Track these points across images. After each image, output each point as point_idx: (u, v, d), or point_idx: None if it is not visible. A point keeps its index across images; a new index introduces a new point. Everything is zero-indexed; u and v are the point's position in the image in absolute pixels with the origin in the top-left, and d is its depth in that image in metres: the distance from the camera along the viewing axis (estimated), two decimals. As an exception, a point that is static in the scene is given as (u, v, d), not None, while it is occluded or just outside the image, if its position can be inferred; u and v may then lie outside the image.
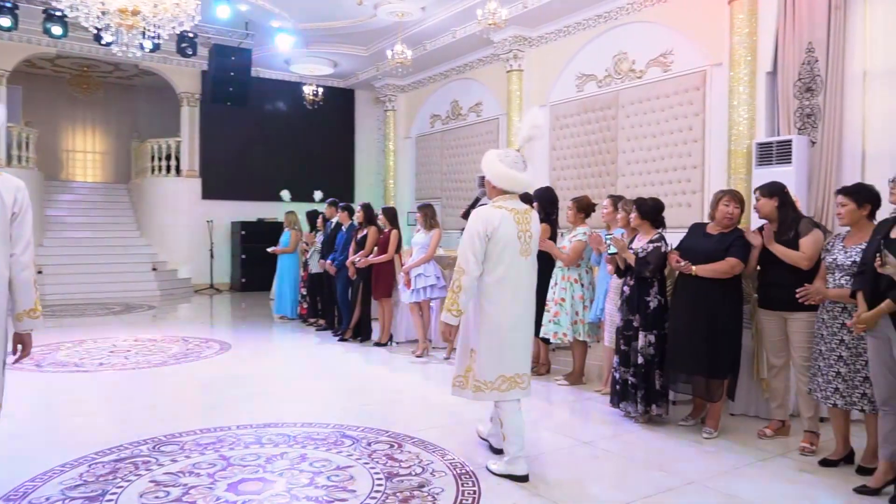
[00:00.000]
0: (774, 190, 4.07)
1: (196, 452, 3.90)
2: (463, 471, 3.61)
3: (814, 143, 7.31)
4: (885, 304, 3.08)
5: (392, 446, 4.01)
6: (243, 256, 13.37)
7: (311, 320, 8.98)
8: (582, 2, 9.65)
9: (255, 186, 13.82)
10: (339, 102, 14.83)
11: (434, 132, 13.63)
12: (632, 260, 4.39)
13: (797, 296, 3.69)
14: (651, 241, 4.41)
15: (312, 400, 5.25)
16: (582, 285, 5.43)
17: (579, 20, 10.11)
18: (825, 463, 3.68)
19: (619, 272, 4.62)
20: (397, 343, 7.57)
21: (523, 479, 3.47)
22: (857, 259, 3.44)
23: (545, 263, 5.83)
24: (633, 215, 4.56)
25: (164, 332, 8.47)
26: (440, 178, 13.45)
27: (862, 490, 3.28)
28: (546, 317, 5.56)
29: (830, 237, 3.87)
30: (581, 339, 5.44)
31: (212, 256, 13.52)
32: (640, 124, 9.34)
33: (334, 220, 8.36)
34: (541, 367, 5.99)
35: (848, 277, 3.52)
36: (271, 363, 6.90)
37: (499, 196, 3.62)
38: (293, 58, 13.14)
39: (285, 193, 11.47)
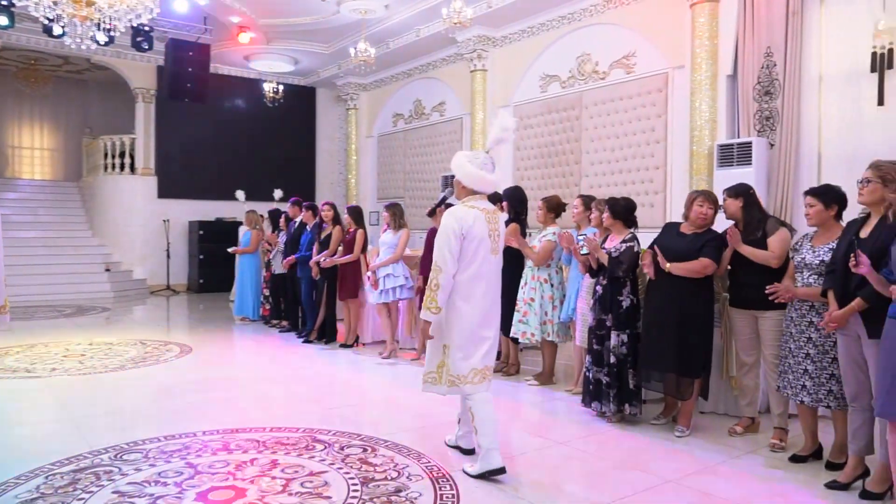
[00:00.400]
0: (740, 191, 4.14)
1: (161, 460, 3.75)
2: (439, 474, 3.56)
3: (772, 145, 7.48)
4: (856, 302, 3.14)
5: (365, 450, 3.93)
6: (201, 257, 13.06)
7: (274, 322, 8.81)
8: (546, 3, 9.70)
9: (213, 185, 13.50)
10: (300, 100, 14.61)
11: (397, 131, 13.54)
12: (605, 260, 4.41)
13: (767, 294, 3.74)
14: (624, 241, 4.43)
15: (280, 404, 5.13)
16: (552, 285, 5.44)
17: (543, 21, 10.16)
18: (795, 459, 3.75)
19: (592, 272, 4.63)
20: (363, 344, 7.48)
21: (500, 471, 3.47)
22: (826, 258, 3.51)
23: (515, 262, 5.85)
24: (605, 215, 4.58)
25: (121, 335, 8.19)
26: (403, 177, 13.36)
27: (833, 485, 3.35)
28: (516, 316, 5.55)
29: (798, 237, 3.94)
30: (550, 339, 5.45)
31: (168, 257, 13.17)
32: (604, 125, 9.43)
33: (298, 219, 8.21)
34: (510, 367, 5.98)
35: (816, 276, 3.59)
36: (235, 366, 6.74)
37: (468, 196, 3.71)
38: (253, 54, 12.90)
39: (240, 194, 11.28)
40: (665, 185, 8.72)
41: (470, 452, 3.82)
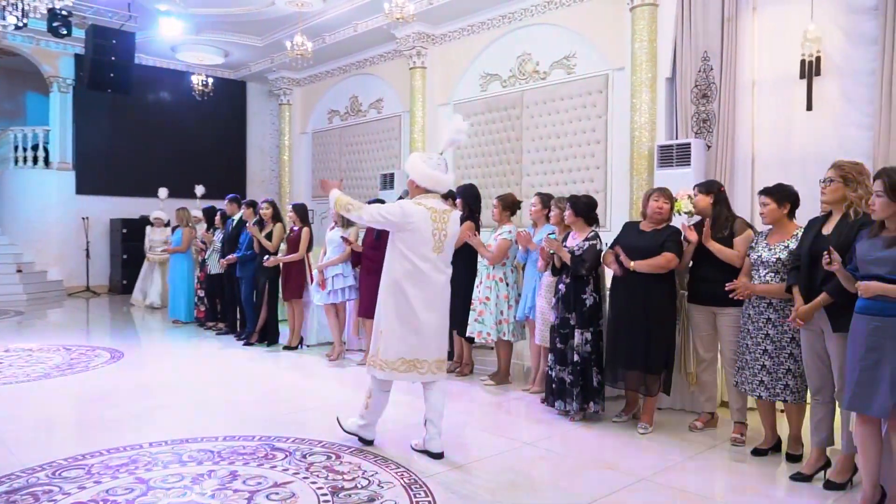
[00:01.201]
0: (711, 187, 4.23)
1: (107, 476, 3.48)
2: (411, 479, 3.45)
3: (709, 146, 7.71)
4: (822, 297, 3.24)
5: (329, 457, 3.77)
6: (125, 256, 12.38)
7: (210, 324, 8.43)
8: (486, 2, 9.70)
9: (137, 181, 12.82)
10: (230, 95, 14.09)
11: (332, 128, 13.25)
12: (567, 258, 4.39)
13: (726, 291, 3.82)
14: (587, 240, 4.44)
15: (229, 410, 4.87)
16: (507, 284, 5.40)
17: (483, 20, 10.16)
18: (756, 452, 3.85)
19: (555, 270, 4.61)
20: (307, 346, 7.24)
21: (370, 443, 3.96)
22: (782, 256, 3.61)
23: (470, 261, 5.78)
24: (567, 213, 4.57)
25: (41, 340, 7.62)
26: (339, 174, 13.08)
27: (797, 477, 3.45)
28: (471, 316, 5.49)
29: (755, 236, 4.04)
30: (506, 338, 5.40)
31: (87, 256, 12.41)
32: (545, 125, 9.51)
33: (236, 217, 7.87)
34: (464, 367, 5.91)
35: (773, 274, 3.68)
36: (174, 372, 6.37)
37: (421, 195, 3.85)
38: (180, 45, 12.32)
39: (163, 191, 10.76)
40: (606, 185, 8.87)
41: (439, 457, 3.79)
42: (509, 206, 5.49)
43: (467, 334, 5.53)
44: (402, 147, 11.68)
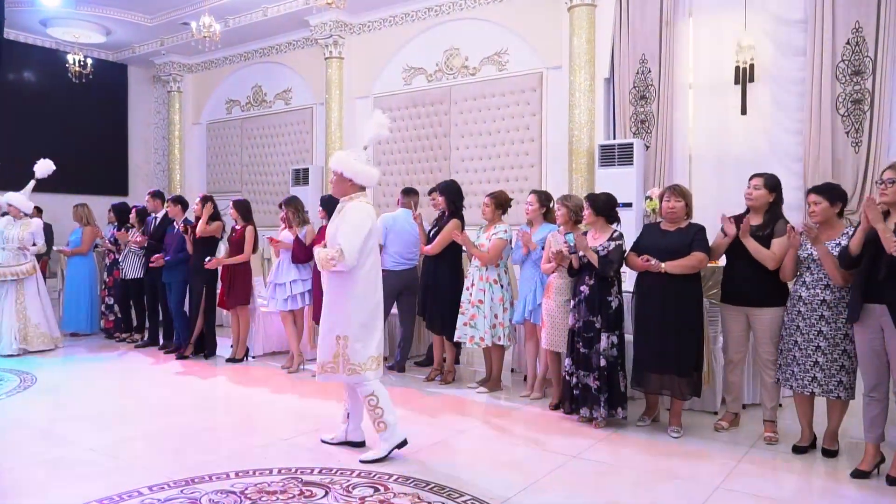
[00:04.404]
0: (776, 184, 4.15)
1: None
2: (485, 505, 3.12)
3: (648, 146, 7.93)
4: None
5: (377, 490, 3.34)
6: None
7: (124, 335, 7.43)
8: (411, -8, 9.39)
9: (7, 172, 11.07)
10: (110, 79, 12.61)
11: (231, 119, 12.29)
12: (594, 260, 4.23)
13: (762, 290, 3.84)
14: (611, 239, 4.30)
15: (216, 440, 4.21)
16: (501, 286, 5.17)
17: (407, 11, 9.84)
18: (797, 450, 3.90)
19: (572, 271, 4.44)
20: (254, 357, 6.58)
21: (404, 443, 3.81)
22: (836, 253, 3.66)
23: (453, 260, 5.49)
24: (586, 212, 4.41)
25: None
26: (240, 169, 12.19)
27: (857, 474, 3.51)
28: (460, 319, 5.21)
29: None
30: (500, 343, 5.17)
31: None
32: (475, 121, 9.37)
33: (159, 214, 6.99)
34: (447, 374, 5.60)
35: (825, 272, 3.72)
36: (115, 396, 5.38)
37: (358, 192, 3.87)
38: (53, 19, 10.84)
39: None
40: (541, 183, 8.85)
41: (361, 445, 3.94)
42: (501, 204, 5.26)
43: (456, 339, 5.23)
44: (315, 141, 11.07)
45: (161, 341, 7.04)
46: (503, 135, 9.13)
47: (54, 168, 7.05)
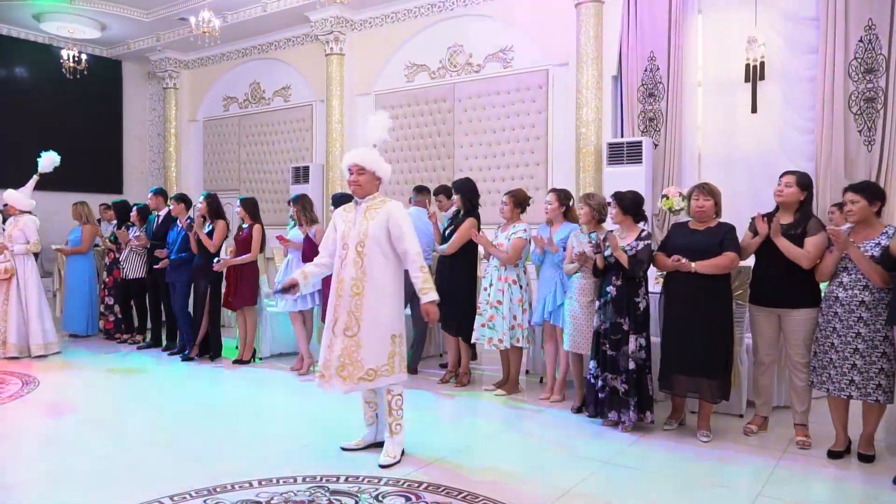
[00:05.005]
0: (808, 183, 4.07)
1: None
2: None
3: (656, 145, 7.86)
4: None
5: (409, 499, 3.21)
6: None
7: (125, 336, 7.26)
8: (413, -12, 9.27)
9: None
10: (104, 75, 12.38)
11: (229, 116, 12.11)
12: (625, 260, 4.13)
13: (794, 291, 3.76)
14: (640, 239, 4.21)
15: (228, 446, 4.06)
16: (520, 287, 5.06)
17: (409, 7, 9.71)
18: (832, 455, 3.82)
19: (597, 272, 4.34)
20: (261, 359, 6.43)
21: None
22: (875, 254, 3.59)
23: (468, 260, 5.37)
24: (613, 211, 4.31)
25: None
26: (237, 167, 12.01)
27: (902, 480, 3.44)
28: (478, 320, 5.10)
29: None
30: (519, 344, 5.06)
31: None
32: (479, 119, 9.26)
33: (162, 213, 6.83)
34: (463, 376, 5.48)
35: (863, 273, 3.64)
36: (125, 399, 5.19)
37: (378, 192, 3.85)
38: (47, 13, 10.62)
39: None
40: (547, 181, 8.76)
41: (381, 445, 3.82)
42: (520, 202, 5.15)
43: (473, 340, 5.12)
44: (315, 139, 10.92)
45: (164, 342, 6.87)
46: (508, 133, 9.03)
47: (58, 163, 6.83)
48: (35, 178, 6.81)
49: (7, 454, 3.95)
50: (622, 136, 8.11)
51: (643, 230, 4.28)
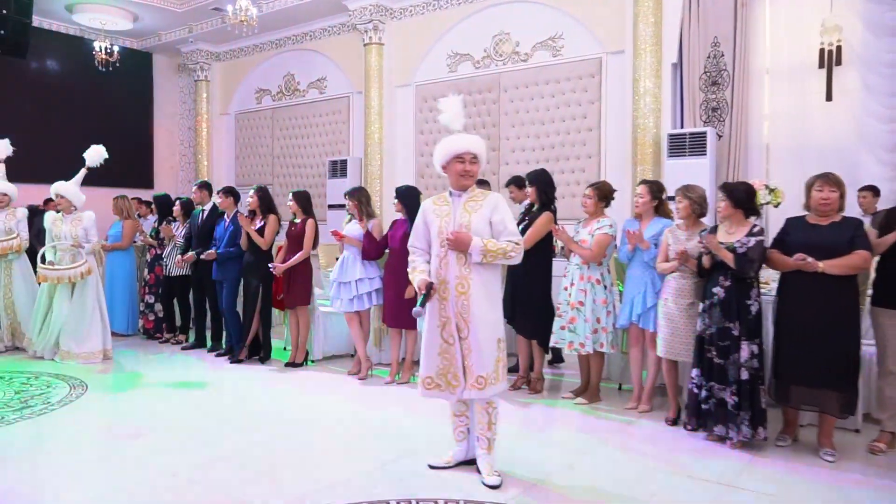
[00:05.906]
0: None
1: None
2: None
3: (720, 136, 7.45)
4: None
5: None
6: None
7: (167, 336, 6.97)
8: (456, -25, 8.90)
9: (31, 163, 10.61)
10: (135, 67, 12.13)
11: (262, 109, 11.82)
12: (729, 259, 3.75)
13: None
14: (751, 234, 3.82)
15: (301, 462, 3.72)
16: (605, 287, 4.68)
17: (451, -6, 9.34)
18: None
19: (702, 271, 3.96)
20: (313, 361, 6.11)
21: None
22: None
23: (541, 257, 5.00)
24: (722, 204, 3.93)
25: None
26: (271, 161, 11.72)
27: None
28: (557, 322, 4.74)
29: None
30: (603, 349, 4.69)
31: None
32: (527, 110, 8.88)
33: (207, 206, 6.52)
34: (536, 382, 5.12)
35: None
36: (176, 406, 4.83)
37: None
38: (79, 5, 10.37)
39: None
40: (599, 174, 8.37)
41: (474, 462, 3.55)
42: (605, 196, 4.78)
43: (552, 344, 4.76)
44: (353, 131, 10.59)
45: (209, 343, 6.57)
46: (557, 124, 8.65)
47: (106, 156, 6.54)
48: (83, 171, 6.51)
49: (63, 468, 3.65)
50: (682, 127, 7.71)
51: (755, 225, 3.89)
